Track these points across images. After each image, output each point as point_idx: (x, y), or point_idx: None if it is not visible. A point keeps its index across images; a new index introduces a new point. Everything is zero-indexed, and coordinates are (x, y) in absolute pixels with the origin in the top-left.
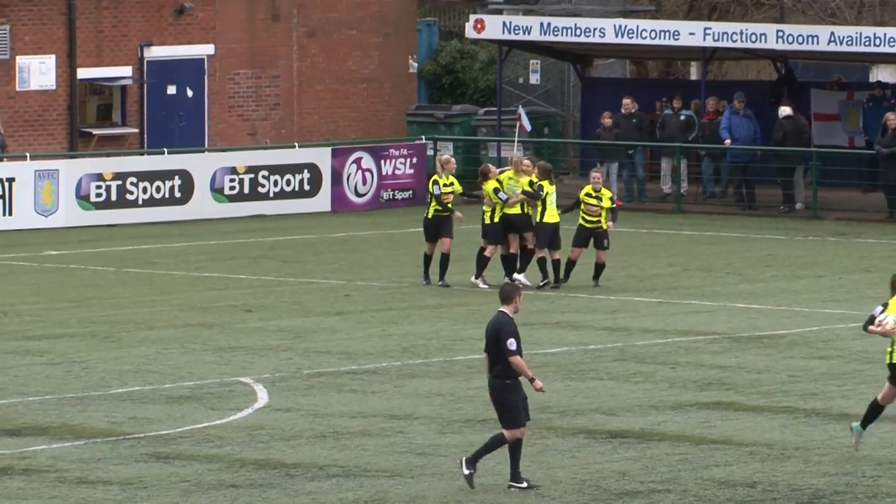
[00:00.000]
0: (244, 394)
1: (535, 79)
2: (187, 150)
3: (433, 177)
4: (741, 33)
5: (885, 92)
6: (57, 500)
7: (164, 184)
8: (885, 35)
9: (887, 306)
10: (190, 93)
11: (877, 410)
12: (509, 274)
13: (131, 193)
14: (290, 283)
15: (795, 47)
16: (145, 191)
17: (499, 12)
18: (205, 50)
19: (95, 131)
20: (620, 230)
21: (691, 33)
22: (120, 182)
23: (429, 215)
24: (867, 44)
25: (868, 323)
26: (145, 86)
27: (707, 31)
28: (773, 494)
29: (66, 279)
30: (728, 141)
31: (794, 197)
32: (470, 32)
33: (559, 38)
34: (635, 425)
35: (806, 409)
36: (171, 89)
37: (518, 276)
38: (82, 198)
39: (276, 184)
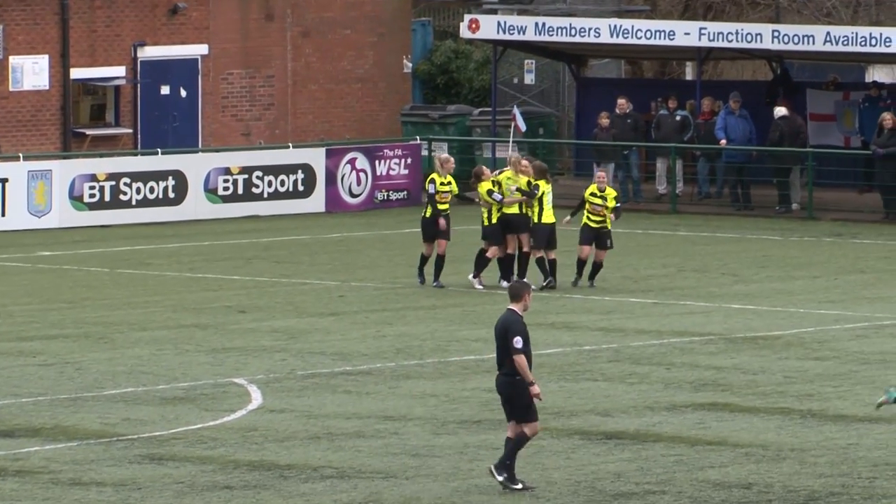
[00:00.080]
0: (238, 395)
1: (529, 79)
2: (181, 151)
3: (430, 175)
4: (736, 33)
5: (881, 92)
6: (50, 502)
7: (158, 184)
8: (881, 35)
9: None
10: (184, 93)
11: None
12: (505, 275)
13: (125, 194)
14: (285, 284)
15: (791, 47)
16: (139, 191)
17: (493, 12)
18: (198, 50)
19: (89, 132)
20: (615, 231)
21: (686, 33)
22: (113, 182)
23: (426, 215)
24: (863, 44)
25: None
26: (139, 86)
27: (702, 31)
28: (769, 496)
29: (59, 280)
30: (723, 141)
31: (790, 197)
32: (464, 32)
33: (554, 38)
34: (630, 426)
35: (801, 411)
36: (165, 89)
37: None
38: (76, 198)
39: (270, 184)
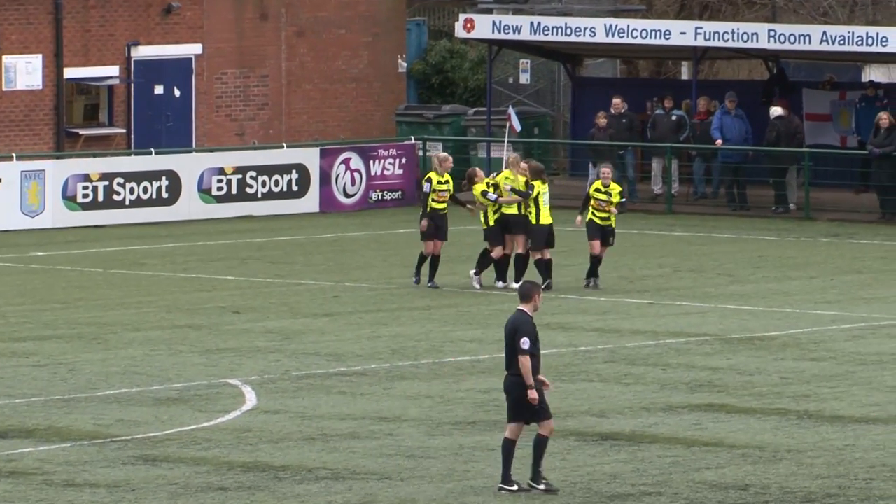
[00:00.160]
0: (232, 396)
1: (525, 78)
2: (175, 151)
3: (428, 174)
4: (732, 33)
5: (877, 91)
6: None
7: (152, 184)
8: (877, 34)
9: None
10: (177, 93)
11: None
12: (501, 276)
13: (118, 194)
14: (279, 285)
15: (787, 47)
16: (132, 191)
17: (489, 11)
18: (192, 49)
19: (82, 131)
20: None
21: (682, 33)
22: (107, 182)
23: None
24: (859, 43)
25: None
26: (132, 85)
27: (698, 31)
28: (765, 497)
29: (52, 280)
30: (719, 141)
31: (787, 198)
32: (459, 32)
33: (549, 38)
34: (626, 427)
35: (798, 411)
36: (159, 89)
37: (515, 284)
38: (69, 198)
39: (264, 184)
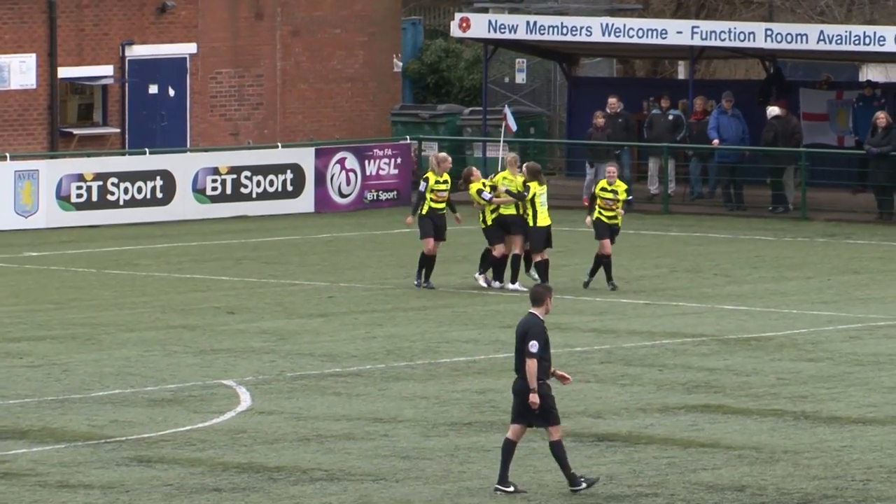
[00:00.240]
0: (227, 396)
1: (520, 78)
2: (169, 151)
3: (426, 174)
4: (729, 32)
5: (874, 91)
6: None
7: (146, 184)
8: (874, 34)
9: None
10: (172, 92)
11: None
12: (498, 276)
13: (112, 194)
14: (273, 285)
15: (784, 46)
16: (126, 191)
17: (484, 11)
18: (187, 49)
19: (76, 131)
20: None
21: (679, 32)
22: (101, 182)
23: (423, 212)
24: (857, 43)
25: None
26: (127, 85)
27: (695, 30)
28: (762, 498)
29: (46, 281)
30: (716, 141)
31: (784, 198)
32: (455, 31)
33: (545, 37)
34: (622, 428)
35: (795, 412)
36: (153, 89)
37: (512, 285)
38: (63, 198)
39: (258, 184)
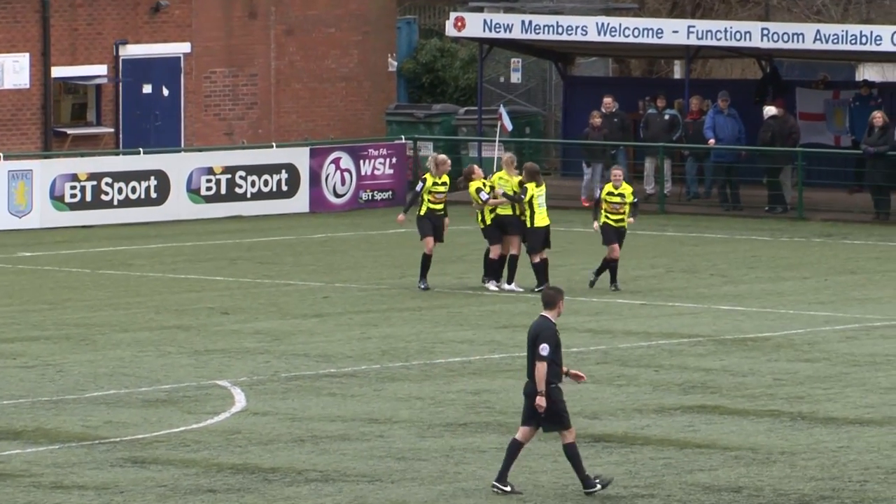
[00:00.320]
0: (221, 397)
1: (516, 77)
2: (163, 150)
3: (424, 175)
4: (725, 31)
5: (871, 91)
6: None
7: (140, 184)
8: (871, 33)
9: None
10: (166, 92)
11: None
12: (494, 276)
13: (106, 194)
14: (268, 285)
15: (780, 45)
16: (120, 191)
17: (480, 10)
18: (181, 48)
19: (70, 131)
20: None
21: (675, 31)
22: (95, 182)
23: (421, 213)
24: (853, 42)
25: None
26: (120, 85)
27: (691, 29)
28: (759, 499)
29: (40, 281)
30: (712, 141)
31: (781, 198)
32: (450, 30)
33: (541, 37)
34: (618, 429)
35: (791, 413)
36: (147, 88)
37: (508, 286)
38: (57, 198)
39: (253, 184)
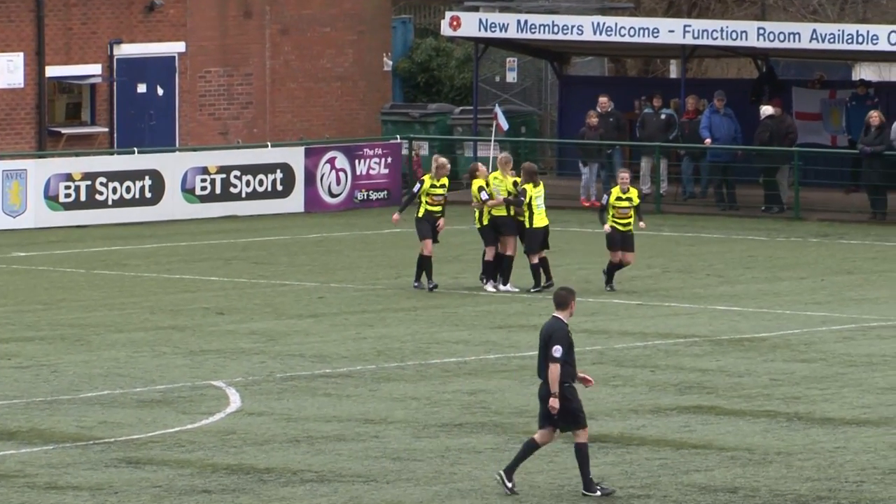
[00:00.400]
0: (216, 398)
1: (511, 77)
2: (158, 150)
3: (423, 176)
4: (721, 31)
5: (868, 90)
6: None
7: (135, 184)
8: (867, 32)
9: None
10: (160, 91)
11: None
12: (490, 277)
13: (101, 194)
14: (263, 285)
15: (777, 45)
16: (115, 191)
17: (475, 9)
18: (175, 47)
19: (64, 130)
20: (599, 231)
21: (671, 31)
22: (89, 182)
23: (419, 214)
24: (850, 41)
25: None
26: (115, 84)
27: (687, 29)
28: (755, 500)
29: (34, 281)
30: (708, 140)
31: (778, 198)
32: (446, 30)
33: (536, 36)
34: (614, 430)
35: (788, 413)
36: (142, 88)
37: (504, 286)
38: (51, 198)
39: (248, 184)
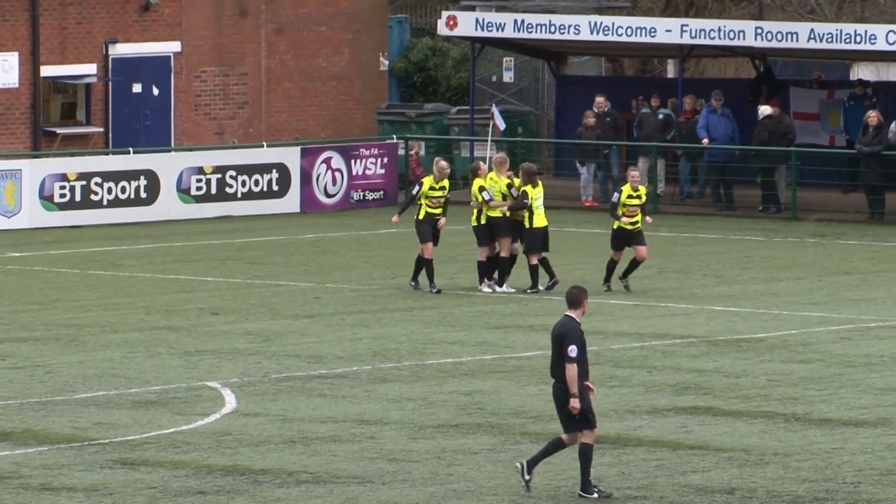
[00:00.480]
0: (211, 398)
1: (508, 77)
2: (153, 150)
3: (423, 178)
4: (719, 30)
5: (866, 90)
6: None
7: (130, 184)
8: (865, 32)
9: None
10: (156, 91)
11: None
12: (488, 276)
13: (96, 194)
14: (259, 286)
15: (774, 44)
16: (110, 191)
17: (472, 9)
18: (171, 47)
19: (59, 130)
20: (596, 231)
21: (668, 30)
22: (84, 182)
23: (419, 216)
24: (847, 41)
25: None
26: (110, 84)
27: (684, 28)
28: (752, 501)
29: (29, 281)
30: (706, 140)
31: (776, 198)
32: (442, 29)
33: (533, 35)
34: (611, 430)
35: (785, 414)
36: (137, 87)
37: (501, 288)
38: (46, 198)
39: (243, 184)
